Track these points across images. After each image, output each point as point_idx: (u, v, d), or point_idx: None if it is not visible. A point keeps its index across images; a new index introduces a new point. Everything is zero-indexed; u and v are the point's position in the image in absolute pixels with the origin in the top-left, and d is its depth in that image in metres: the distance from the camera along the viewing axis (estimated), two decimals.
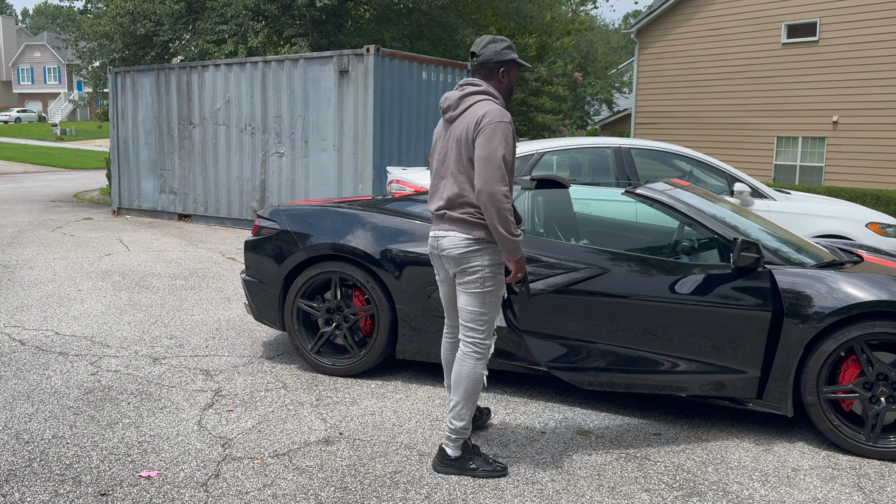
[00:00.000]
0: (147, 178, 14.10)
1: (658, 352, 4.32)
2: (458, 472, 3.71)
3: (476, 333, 3.65)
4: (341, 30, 16.32)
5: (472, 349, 3.65)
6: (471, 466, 3.70)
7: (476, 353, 3.65)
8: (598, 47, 41.09)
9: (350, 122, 11.24)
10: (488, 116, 3.48)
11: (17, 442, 3.96)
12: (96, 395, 4.67)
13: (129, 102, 14.19)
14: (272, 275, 5.30)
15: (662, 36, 21.29)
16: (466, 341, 3.67)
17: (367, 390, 4.90)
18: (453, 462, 3.72)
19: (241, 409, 4.52)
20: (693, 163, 8.14)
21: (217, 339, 5.98)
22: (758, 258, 4.12)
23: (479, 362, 3.66)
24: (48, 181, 22.68)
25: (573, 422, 4.47)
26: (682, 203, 4.63)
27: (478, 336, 3.65)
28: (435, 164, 3.75)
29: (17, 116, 62.37)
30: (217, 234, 12.15)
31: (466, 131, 3.54)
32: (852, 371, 4.11)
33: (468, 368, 3.64)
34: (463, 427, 3.69)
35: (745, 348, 4.19)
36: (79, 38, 17.92)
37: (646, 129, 21.79)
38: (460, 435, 3.70)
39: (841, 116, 17.89)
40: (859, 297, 4.01)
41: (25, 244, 10.47)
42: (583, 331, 4.43)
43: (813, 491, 3.67)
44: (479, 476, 3.68)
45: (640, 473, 3.80)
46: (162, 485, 3.54)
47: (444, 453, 3.73)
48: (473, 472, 3.69)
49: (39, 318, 6.51)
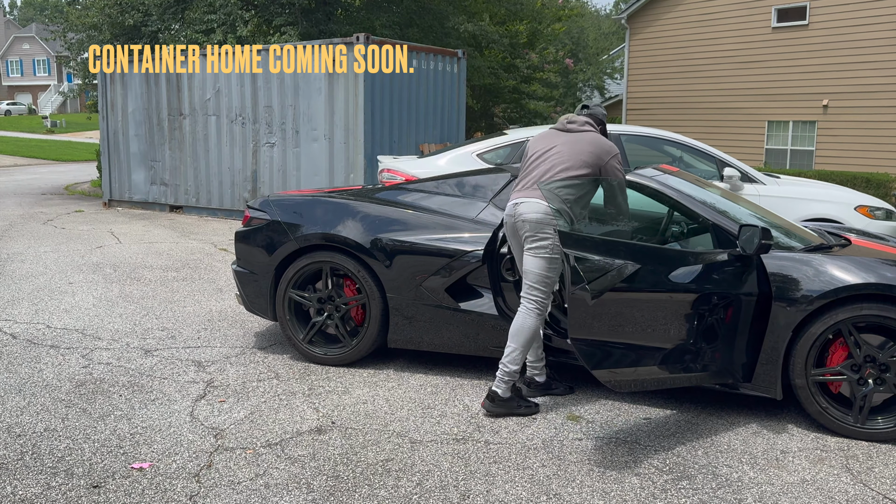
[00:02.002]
0: (138, 170, 14.05)
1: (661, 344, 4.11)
2: (506, 412, 4.31)
3: (539, 293, 4.21)
4: (331, 18, 16.24)
5: (534, 306, 4.22)
6: (516, 406, 4.33)
7: (538, 310, 4.22)
8: (590, 33, 41.01)
9: (341, 111, 11.21)
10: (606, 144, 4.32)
11: (8, 435, 3.97)
12: (88, 388, 4.68)
13: (119, 94, 14.11)
14: (263, 265, 5.30)
15: (653, 21, 21.26)
16: (530, 298, 4.22)
17: (359, 379, 4.92)
18: (505, 402, 4.29)
19: (233, 399, 4.53)
20: (683, 148, 8.15)
21: (209, 331, 5.98)
22: (770, 244, 4.09)
23: (540, 318, 4.24)
24: (39, 174, 22.57)
25: (564, 407, 4.49)
26: (672, 189, 4.64)
27: (541, 295, 4.21)
28: (536, 158, 4.34)
29: (6, 109, 61.99)
30: (209, 225, 12.13)
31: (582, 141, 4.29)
32: (840, 353, 4.14)
33: (531, 321, 4.21)
34: (515, 370, 4.25)
35: (733, 332, 4.20)
36: (67, 29, 17.83)
37: (637, 114, 21.78)
38: (511, 377, 4.26)
39: (831, 100, 17.92)
40: (847, 279, 4.04)
41: (16, 237, 10.44)
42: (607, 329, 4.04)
43: (801, 473, 3.70)
44: (523, 414, 4.33)
45: (631, 458, 3.83)
46: (154, 476, 3.55)
47: (496, 395, 4.28)
48: (518, 411, 4.33)
49: (31, 311, 6.50)
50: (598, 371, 3.89)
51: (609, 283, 3.87)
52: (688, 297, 4.06)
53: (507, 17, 20.20)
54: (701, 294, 4.08)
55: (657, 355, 4.04)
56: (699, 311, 4.09)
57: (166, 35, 16.50)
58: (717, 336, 4.18)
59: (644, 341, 4.02)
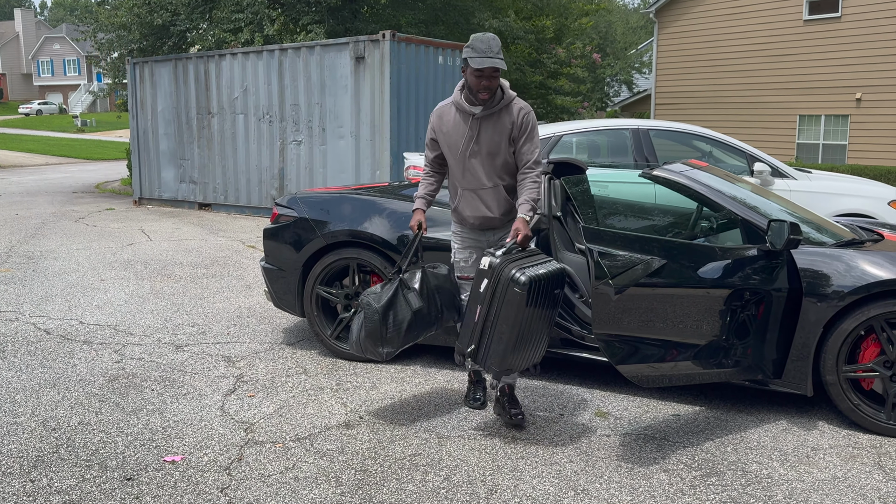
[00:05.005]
0: (167, 168, 14.22)
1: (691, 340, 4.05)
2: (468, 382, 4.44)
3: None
4: (357, 16, 16.30)
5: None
6: (470, 390, 4.42)
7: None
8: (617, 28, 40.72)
9: (367, 108, 11.25)
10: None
11: (44, 429, 4.05)
12: (121, 383, 4.75)
13: (148, 93, 14.28)
14: (291, 262, 5.34)
15: (682, 15, 21.06)
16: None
17: (386, 375, 4.94)
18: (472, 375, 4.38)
19: (262, 394, 4.58)
20: (712, 143, 8.07)
21: (238, 327, 6.05)
22: (799, 239, 4.03)
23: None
24: (70, 172, 22.92)
25: (591, 404, 4.48)
26: (700, 184, 4.60)
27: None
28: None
29: (38, 109, 62.97)
30: (237, 222, 12.24)
31: None
32: (872, 350, 4.08)
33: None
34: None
35: (763, 328, 4.16)
36: (97, 29, 18.04)
37: (666, 109, 21.60)
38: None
39: (864, 93, 17.63)
40: (879, 275, 3.98)
41: (49, 235, 10.62)
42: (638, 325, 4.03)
43: (833, 470, 3.66)
44: (466, 403, 4.38)
45: (659, 454, 3.81)
46: (186, 469, 3.60)
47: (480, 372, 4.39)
48: (468, 395, 4.41)
49: (64, 307, 6.61)
50: (622, 366, 3.89)
51: (633, 278, 3.85)
52: (715, 292, 4.02)
53: (532, 13, 20.12)
54: (729, 290, 4.04)
55: (683, 351, 4.02)
56: (727, 306, 4.06)
57: (194, 34, 16.66)
58: (746, 332, 4.13)
59: (669, 336, 3.99)
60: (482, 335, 3.80)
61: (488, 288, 3.75)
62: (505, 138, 3.99)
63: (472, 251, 4.22)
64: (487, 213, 4.10)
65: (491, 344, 3.78)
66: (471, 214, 4.14)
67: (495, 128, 3.98)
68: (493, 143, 3.99)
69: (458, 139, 4.04)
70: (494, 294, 3.73)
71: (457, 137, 4.05)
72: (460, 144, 4.04)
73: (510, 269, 3.69)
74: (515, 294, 3.65)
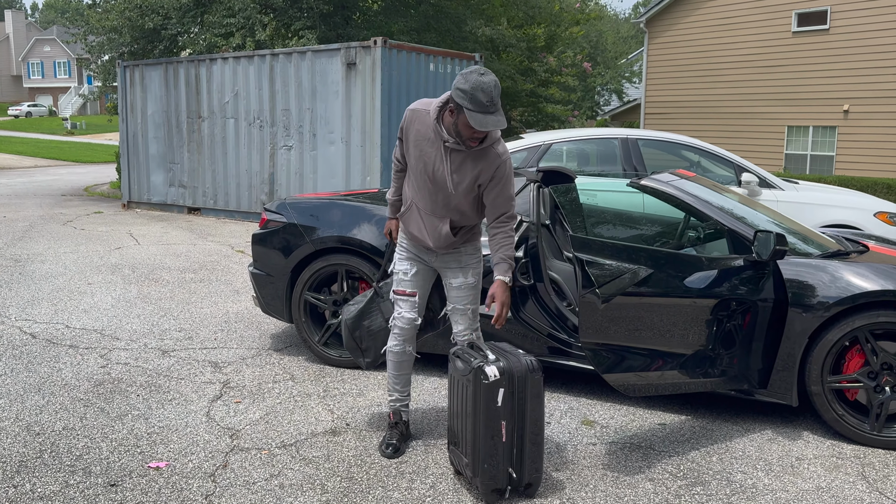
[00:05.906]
0: (156, 172, 14.17)
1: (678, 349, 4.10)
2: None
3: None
4: (349, 22, 16.33)
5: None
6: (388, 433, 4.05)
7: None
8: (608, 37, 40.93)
9: (358, 114, 11.26)
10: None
11: (28, 433, 4.02)
12: (106, 388, 4.73)
13: (138, 96, 14.25)
14: (279, 268, 5.34)
15: (672, 25, 21.19)
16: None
17: (373, 382, 4.94)
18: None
19: (249, 400, 4.57)
20: (700, 153, 8.12)
21: (225, 332, 6.03)
22: (786, 250, 4.05)
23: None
24: (59, 175, 22.81)
25: (578, 412, 4.49)
26: (688, 194, 4.63)
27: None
28: None
29: (27, 111, 62.70)
30: (226, 227, 12.21)
31: None
32: (857, 360, 4.11)
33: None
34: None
35: (748, 338, 4.19)
36: (87, 32, 17.98)
37: (655, 118, 21.71)
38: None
39: (852, 105, 17.78)
40: (864, 286, 4.01)
41: (36, 238, 10.56)
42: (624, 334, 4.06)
43: (817, 480, 3.68)
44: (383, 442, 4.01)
45: (645, 463, 3.82)
46: (171, 475, 3.59)
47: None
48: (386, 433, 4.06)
49: (50, 311, 6.58)
50: (608, 375, 3.90)
51: (620, 287, 3.86)
52: (702, 302, 4.05)
53: (524, 21, 20.21)
54: (716, 299, 4.07)
55: (670, 360, 4.04)
56: (714, 316, 4.08)
57: (185, 38, 16.64)
58: (732, 342, 4.16)
59: (656, 346, 4.01)
60: (513, 450, 3.40)
61: (507, 398, 3.33)
62: (471, 178, 3.56)
63: (412, 263, 3.85)
64: (427, 241, 3.73)
65: (530, 454, 3.43)
66: (414, 232, 3.78)
67: (464, 163, 3.55)
68: (458, 177, 3.57)
69: (429, 152, 3.59)
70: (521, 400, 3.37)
71: (428, 149, 3.59)
72: (428, 162, 3.60)
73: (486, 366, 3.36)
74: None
